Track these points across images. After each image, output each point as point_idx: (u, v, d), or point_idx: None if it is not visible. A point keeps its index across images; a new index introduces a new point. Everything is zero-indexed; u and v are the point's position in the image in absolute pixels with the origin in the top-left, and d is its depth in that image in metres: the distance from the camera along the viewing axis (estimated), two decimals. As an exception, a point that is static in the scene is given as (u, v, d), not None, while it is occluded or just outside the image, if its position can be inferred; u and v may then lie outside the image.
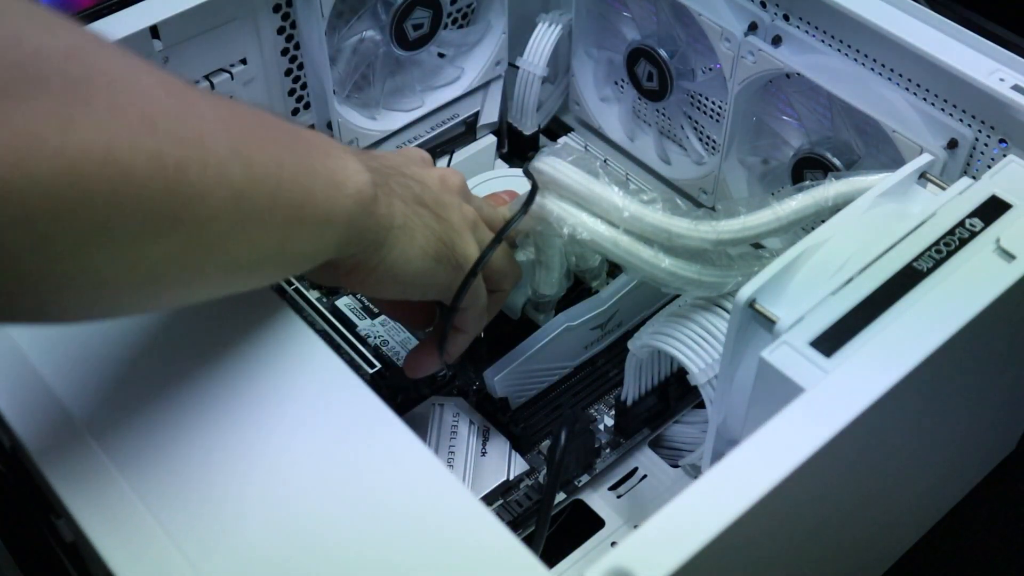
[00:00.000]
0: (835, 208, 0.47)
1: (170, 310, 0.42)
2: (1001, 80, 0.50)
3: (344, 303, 0.63)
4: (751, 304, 0.41)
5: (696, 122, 0.69)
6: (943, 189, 0.45)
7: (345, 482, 0.36)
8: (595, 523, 0.55)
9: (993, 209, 0.43)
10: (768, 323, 0.40)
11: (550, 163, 0.49)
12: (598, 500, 0.56)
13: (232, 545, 0.35)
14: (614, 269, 0.57)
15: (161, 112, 0.32)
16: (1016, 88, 0.49)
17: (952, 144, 0.52)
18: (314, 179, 0.38)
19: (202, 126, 0.34)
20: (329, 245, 0.40)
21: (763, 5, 0.59)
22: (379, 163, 0.44)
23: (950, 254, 0.42)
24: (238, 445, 0.37)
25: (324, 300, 0.63)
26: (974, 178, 0.45)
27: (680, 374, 0.54)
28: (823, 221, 0.44)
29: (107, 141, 0.30)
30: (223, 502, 0.36)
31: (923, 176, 0.46)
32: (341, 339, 0.61)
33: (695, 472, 0.56)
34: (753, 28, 0.59)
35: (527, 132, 0.75)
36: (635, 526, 0.55)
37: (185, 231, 0.33)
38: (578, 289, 0.58)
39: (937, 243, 0.42)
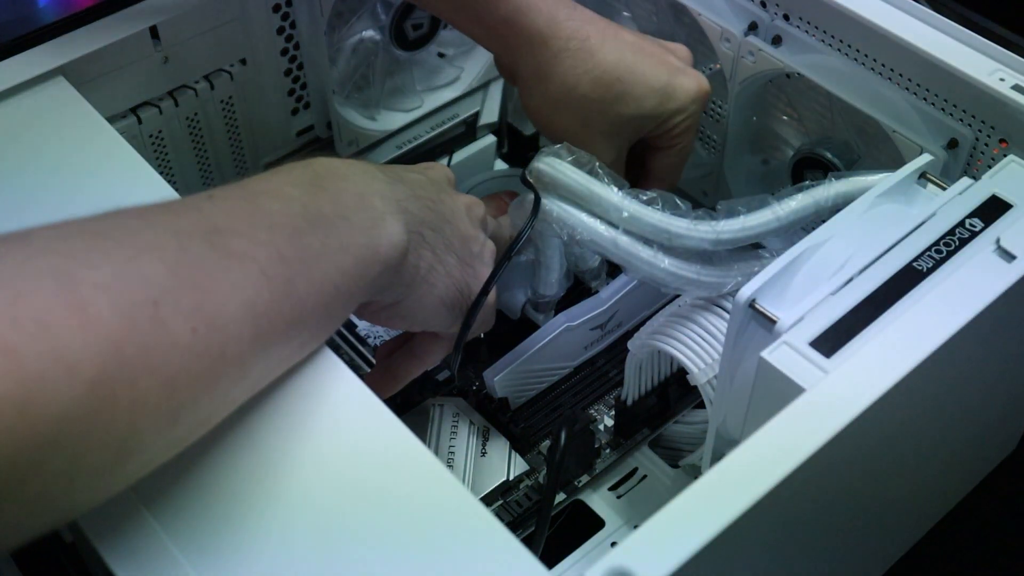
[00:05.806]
0: (835, 208, 0.47)
1: None
2: (1001, 80, 0.50)
3: (344, 303, 0.63)
4: (751, 304, 0.41)
5: (696, 122, 0.69)
6: (943, 189, 0.45)
7: (344, 482, 0.36)
8: (595, 523, 0.55)
9: (993, 209, 0.43)
10: (768, 323, 0.40)
11: (549, 163, 0.49)
12: (598, 500, 0.56)
13: (230, 545, 0.35)
14: (614, 269, 0.57)
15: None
16: (1016, 88, 0.49)
17: (952, 144, 0.52)
18: (348, 258, 0.38)
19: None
20: (355, 302, 0.40)
21: (763, 5, 0.59)
22: (417, 204, 0.43)
23: (950, 254, 0.42)
24: (237, 444, 0.37)
25: (324, 300, 0.63)
26: (974, 178, 0.45)
27: (680, 374, 0.54)
28: (823, 221, 0.44)
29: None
30: (222, 501, 0.36)
31: (923, 176, 0.46)
32: (341, 339, 0.61)
33: (695, 472, 0.56)
34: (753, 28, 0.59)
35: (527, 132, 0.75)
36: (635, 526, 0.55)
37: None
38: (578, 289, 0.58)
39: (937, 243, 0.42)
